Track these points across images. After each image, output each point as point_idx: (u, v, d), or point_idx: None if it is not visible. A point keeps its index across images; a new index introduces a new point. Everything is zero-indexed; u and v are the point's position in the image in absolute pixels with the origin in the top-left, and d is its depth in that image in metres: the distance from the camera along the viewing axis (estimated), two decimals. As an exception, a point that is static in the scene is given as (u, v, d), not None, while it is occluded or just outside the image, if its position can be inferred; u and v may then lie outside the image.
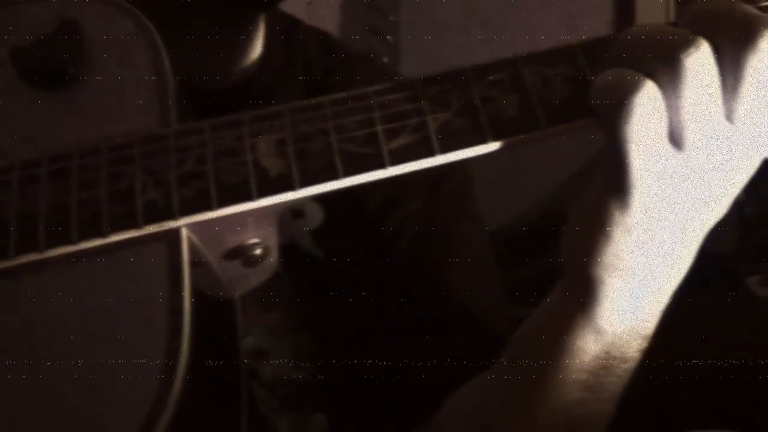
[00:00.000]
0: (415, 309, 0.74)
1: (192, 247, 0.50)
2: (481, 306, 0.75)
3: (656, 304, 0.52)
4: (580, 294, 0.51)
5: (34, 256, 0.49)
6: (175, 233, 0.49)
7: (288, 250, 0.56)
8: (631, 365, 0.54)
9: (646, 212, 0.47)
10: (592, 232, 0.49)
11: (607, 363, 0.53)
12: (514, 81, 0.50)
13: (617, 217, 0.48)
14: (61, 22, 0.57)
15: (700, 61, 0.44)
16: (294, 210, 0.73)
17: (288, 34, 0.79)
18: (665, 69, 0.45)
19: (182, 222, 0.49)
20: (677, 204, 0.48)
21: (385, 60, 1.98)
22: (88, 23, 0.58)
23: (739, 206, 0.49)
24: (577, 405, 0.54)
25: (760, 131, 0.47)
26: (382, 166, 0.48)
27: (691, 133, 0.46)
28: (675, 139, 0.46)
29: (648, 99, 0.44)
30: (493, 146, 0.49)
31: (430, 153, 0.48)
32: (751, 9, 0.45)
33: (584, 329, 0.52)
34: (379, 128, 0.49)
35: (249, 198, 0.49)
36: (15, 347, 0.48)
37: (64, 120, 0.55)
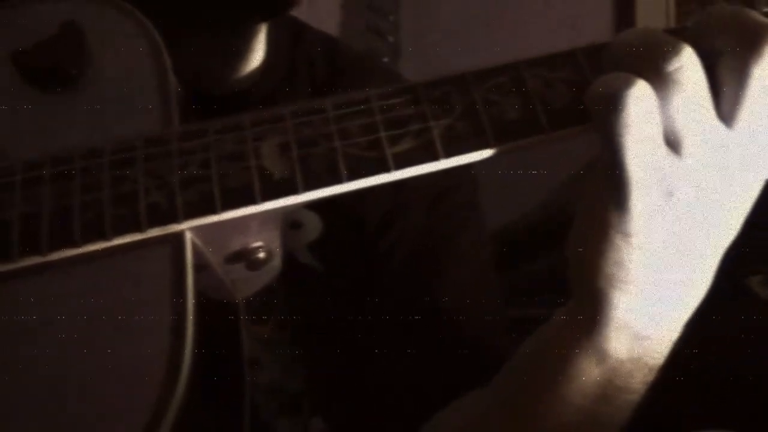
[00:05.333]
0: (407, 326, 0.72)
1: (195, 251, 0.50)
2: (476, 323, 0.74)
3: (665, 331, 0.51)
4: (586, 313, 0.50)
5: (36, 259, 0.49)
6: (179, 236, 0.49)
7: (285, 261, 0.56)
8: (633, 398, 0.52)
9: (644, 217, 0.46)
10: (593, 238, 0.48)
11: (608, 391, 0.51)
12: (517, 85, 0.49)
13: (615, 221, 0.47)
14: (62, 23, 0.57)
15: (682, 69, 0.44)
16: (292, 221, 0.72)
17: (293, 38, 0.79)
18: (652, 76, 0.44)
19: (186, 225, 0.49)
20: (680, 215, 0.47)
21: (385, 60, 1.98)
22: (90, 25, 0.58)
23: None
24: (573, 430, 0.52)
25: (764, 138, 0.46)
26: (386, 170, 0.48)
27: (685, 138, 0.45)
28: (673, 144, 0.45)
29: (640, 94, 0.44)
30: (496, 150, 0.49)
31: (434, 158, 0.48)
32: (756, 15, 0.45)
33: (587, 351, 0.50)
34: (383, 134, 0.49)
35: (253, 201, 0.49)
36: (15, 350, 0.48)
37: (66, 122, 0.55)
